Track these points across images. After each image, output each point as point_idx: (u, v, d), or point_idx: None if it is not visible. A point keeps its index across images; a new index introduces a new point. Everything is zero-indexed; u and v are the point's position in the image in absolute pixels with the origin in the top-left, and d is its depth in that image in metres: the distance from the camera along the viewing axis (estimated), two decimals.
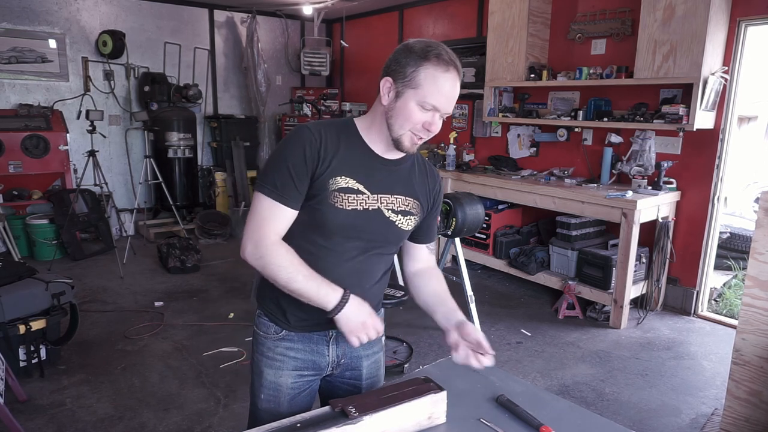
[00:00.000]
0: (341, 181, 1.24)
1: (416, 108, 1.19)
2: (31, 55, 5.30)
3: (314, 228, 1.27)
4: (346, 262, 1.30)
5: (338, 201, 1.24)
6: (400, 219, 1.33)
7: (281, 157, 1.23)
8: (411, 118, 1.20)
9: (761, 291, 1.97)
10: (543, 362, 3.26)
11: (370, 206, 1.28)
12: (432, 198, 1.41)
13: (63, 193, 5.12)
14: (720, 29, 3.49)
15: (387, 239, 1.34)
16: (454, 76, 1.20)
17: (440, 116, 1.22)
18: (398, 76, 1.21)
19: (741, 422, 2.08)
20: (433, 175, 1.44)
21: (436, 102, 1.18)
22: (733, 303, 4.07)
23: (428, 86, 1.17)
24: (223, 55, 6.55)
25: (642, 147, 3.93)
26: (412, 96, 1.19)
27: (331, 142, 1.25)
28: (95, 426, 2.55)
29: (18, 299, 2.85)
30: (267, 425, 1.12)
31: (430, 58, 1.18)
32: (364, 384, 1.45)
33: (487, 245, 4.72)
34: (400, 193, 1.32)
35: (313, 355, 1.38)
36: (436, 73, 1.17)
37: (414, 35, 5.99)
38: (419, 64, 1.18)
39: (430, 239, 1.48)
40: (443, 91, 1.18)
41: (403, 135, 1.23)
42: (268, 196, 1.23)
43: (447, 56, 1.19)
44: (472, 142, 5.48)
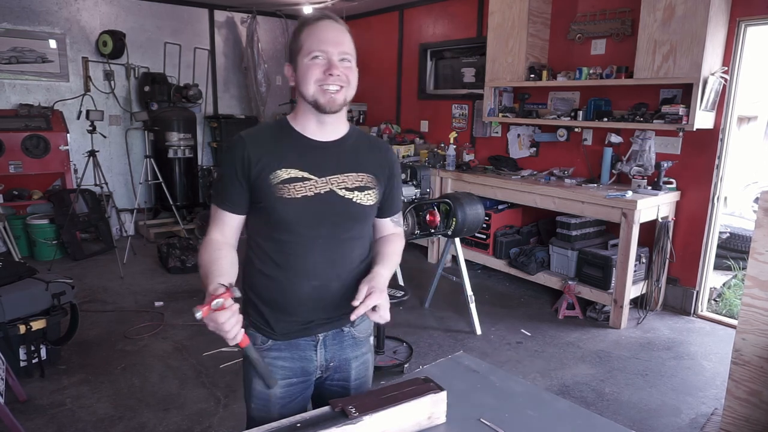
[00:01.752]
0: (282, 173, 1.27)
1: (309, 62, 1.24)
2: (31, 55, 5.31)
3: (275, 226, 1.29)
4: (316, 253, 1.31)
5: (285, 192, 1.26)
6: (357, 195, 1.33)
7: (222, 167, 1.33)
8: (309, 71, 1.24)
9: (761, 291, 1.97)
10: (543, 362, 3.26)
11: (322, 189, 1.29)
12: (386, 169, 1.42)
13: (63, 193, 5.12)
14: (720, 29, 3.49)
15: (350, 218, 1.34)
16: (328, 22, 1.27)
17: (339, 60, 1.25)
18: (291, 56, 1.30)
19: (741, 422, 2.08)
20: (381, 147, 1.45)
21: (319, 46, 1.24)
22: (733, 303, 4.07)
23: (308, 41, 1.25)
24: (223, 55, 6.56)
25: (642, 147, 3.93)
26: (302, 57, 1.26)
27: (263, 140, 1.30)
28: (95, 426, 2.55)
29: (18, 299, 2.86)
30: (267, 425, 1.13)
31: (302, 24, 1.28)
32: (352, 385, 1.45)
33: (487, 245, 4.73)
34: (350, 170, 1.33)
35: (302, 362, 1.38)
36: (311, 29, 1.26)
37: (414, 35, 6.01)
38: (298, 34, 1.28)
39: (393, 211, 1.49)
40: (321, 36, 1.24)
41: (314, 93, 1.25)
42: (215, 204, 1.34)
43: (317, 14, 1.29)
44: (472, 142, 5.48)
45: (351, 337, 1.43)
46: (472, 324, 3.65)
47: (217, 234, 1.32)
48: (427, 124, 6.06)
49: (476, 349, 3.42)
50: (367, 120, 6.80)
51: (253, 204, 1.31)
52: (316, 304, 1.34)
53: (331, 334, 1.39)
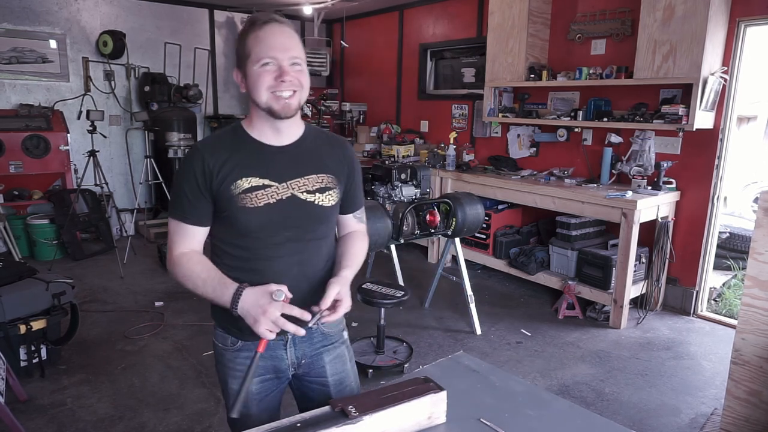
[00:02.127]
0: (243, 183, 1.27)
1: (259, 69, 1.22)
2: (31, 55, 5.31)
3: (239, 235, 1.30)
4: (283, 257, 1.31)
5: (247, 201, 1.26)
6: (318, 197, 1.34)
7: (178, 182, 1.31)
8: (260, 79, 1.23)
9: (761, 291, 1.97)
10: (543, 362, 3.27)
11: (283, 195, 1.29)
12: (345, 166, 1.41)
13: (63, 193, 5.12)
14: (719, 29, 3.49)
15: (313, 221, 1.35)
16: (274, 26, 1.23)
17: (289, 64, 1.23)
18: (239, 61, 1.27)
19: (741, 422, 2.08)
20: (339, 144, 1.44)
21: (267, 54, 1.22)
22: (733, 303, 4.07)
23: (256, 47, 1.22)
24: (223, 56, 6.56)
25: (642, 147, 3.93)
26: (251, 65, 1.23)
27: (222, 151, 1.28)
28: (95, 426, 2.56)
29: (19, 299, 2.86)
30: (266, 425, 1.13)
31: (247, 28, 1.25)
32: (330, 381, 1.45)
33: (487, 245, 4.73)
34: (309, 172, 1.34)
35: (273, 361, 1.39)
36: (256, 33, 1.23)
37: (414, 35, 6.01)
38: (244, 39, 1.25)
39: (354, 207, 1.49)
40: (268, 42, 1.22)
41: (268, 100, 1.24)
42: (174, 219, 1.32)
43: (260, 17, 1.24)
44: (472, 142, 5.48)
45: (320, 333, 1.43)
46: (472, 324, 3.65)
47: (184, 249, 1.31)
48: (427, 124, 6.07)
49: (476, 348, 3.42)
50: (366, 120, 6.80)
51: (216, 213, 1.31)
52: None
53: None
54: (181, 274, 1.28)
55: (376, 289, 3.01)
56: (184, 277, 1.27)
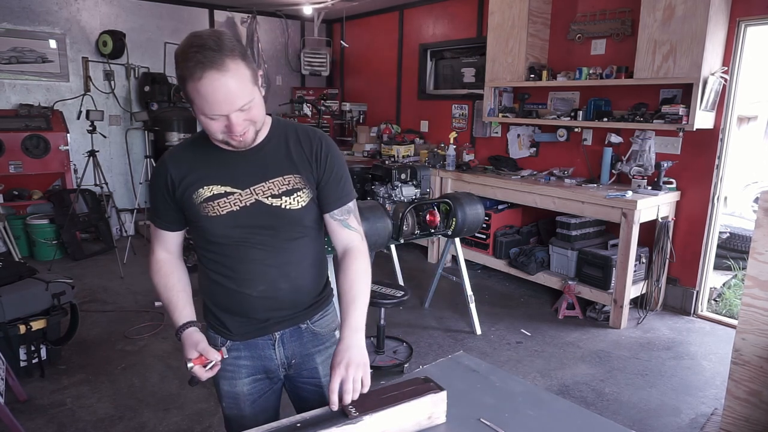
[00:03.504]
0: (205, 191, 1.27)
1: (207, 120, 1.16)
2: (31, 55, 5.31)
3: (208, 242, 1.31)
4: (257, 261, 1.30)
5: (210, 210, 1.26)
6: (285, 200, 1.28)
7: (151, 188, 1.36)
8: (210, 128, 1.18)
9: (761, 291, 1.97)
10: (543, 362, 3.26)
11: (247, 201, 1.27)
12: (315, 162, 1.32)
13: (63, 193, 5.12)
14: (720, 29, 3.49)
15: (283, 224, 1.30)
16: (212, 77, 1.08)
17: (238, 112, 1.14)
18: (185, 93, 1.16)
19: (741, 422, 2.08)
20: (309, 138, 1.33)
21: (213, 111, 1.13)
22: (733, 303, 4.07)
23: (198, 100, 1.12)
24: None
25: (642, 147, 3.93)
26: (197, 111, 1.16)
27: (185, 160, 1.30)
28: (95, 426, 2.55)
29: (18, 299, 2.86)
30: (266, 425, 1.13)
31: (184, 70, 1.10)
32: (323, 381, 1.42)
33: (487, 245, 4.73)
34: (274, 175, 1.28)
35: (262, 361, 1.39)
36: (195, 85, 1.10)
37: (414, 35, 6.01)
38: (183, 81, 1.12)
39: (331, 206, 1.35)
40: (210, 99, 1.11)
41: (223, 139, 1.20)
42: (152, 223, 1.39)
43: (197, 60, 1.08)
44: (472, 142, 5.48)
45: (310, 333, 1.41)
46: (472, 324, 3.65)
47: (161, 252, 1.39)
48: (427, 124, 6.06)
49: (476, 348, 3.42)
50: (367, 120, 6.80)
51: (187, 220, 1.34)
52: (268, 305, 1.33)
53: (289, 332, 1.38)
54: (154, 281, 1.38)
55: (376, 289, 3.01)
56: (155, 284, 1.38)
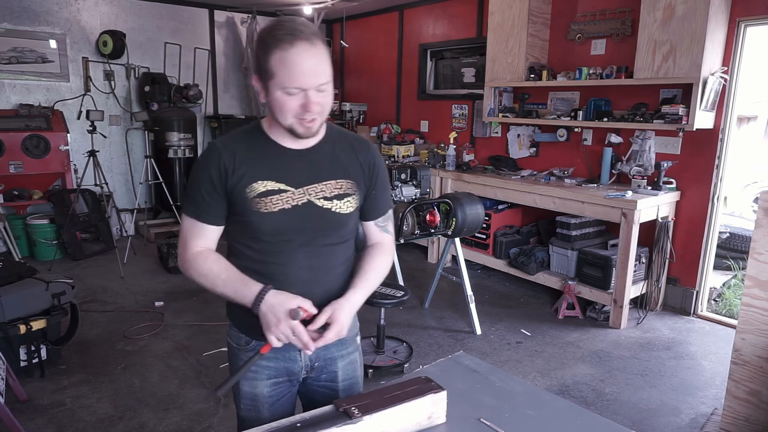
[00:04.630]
0: (258, 186, 1.24)
1: (284, 96, 1.15)
2: (31, 55, 5.31)
3: (253, 238, 1.28)
4: (297, 262, 1.29)
5: (262, 206, 1.23)
6: (336, 204, 1.29)
7: (194, 179, 1.27)
8: (285, 107, 1.16)
9: (761, 291, 1.97)
10: (543, 362, 3.27)
11: (299, 201, 1.26)
12: (367, 171, 1.35)
13: (63, 193, 5.12)
14: (719, 29, 3.49)
15: (328, 228, 1.31)
16: (302, 47, 1.11)
17: (316, 91, 1.15)
18: (260, 72, 1.17)
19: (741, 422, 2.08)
20: (362, 147, 1.36)
21: (295, 83, 1.13)
22: (733, 303, 4.07)
23: (281, 71, 1.12)
24: (223, 56, 6.56)
25: (642, 147, 3.93)
26: (274, 86, 1.15)
27: (239, 151, 1.25)
28: (95, 426, 2.55)
29: (18, 299, 2.86)
30: (267, 425, 1.13)
31: (271, 41, 1.12)
32: (340, 386, 1.42)
33: (487, 245, 4.73)
34: (328, 178, 1.29)
35: (286, 362, 1.36)
36: (281, 55, 1.11)
37: (414, 35, 6.01)
38: (267, 53, 1.13)
39: (376, 214, 1.41)
40: (296, 68, 1.12)
41: (291, 124, 1.19)
42: (189, 216, 1.29)
43: (286, 31, 1.12)
44: (472, 142, 5.48)
45: None
46: (472, 324, 3.65)
47: (199, 248, 1.29)
48: (427, 124, 6.07)
49: (476, 348, 3.42)
50: (367, 120, 6.80)
51: (231, 214, 1.28)
52: None
53: None
54: (197, 273, 1.26)
55: (376, 289, 3.00)
56: (201, 276, 1.26)
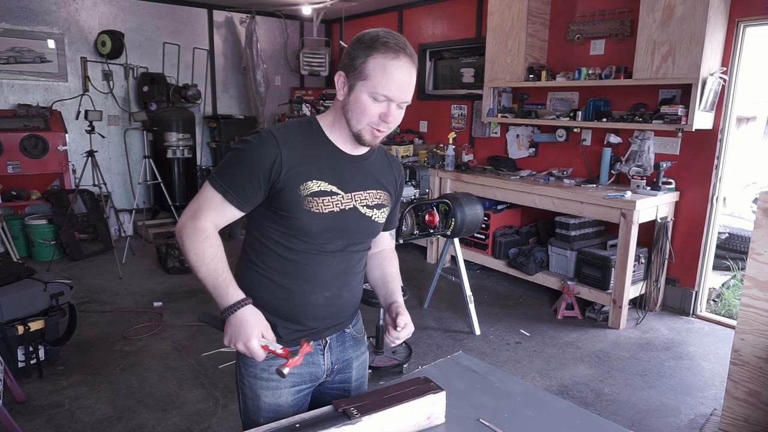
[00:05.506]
0: (313, 185, 1.22)
1: (369, 100, 1.16)
2: (29, 55, 5.30)
3: (294, 236, 1.25)
4: (332, 265, 1.30)
5: (313, 205, 1.22)
6: (375, 213, 1.33)
7: (242, 158, 1.20)
8: (366, 111, 1.17)
9: (760, 291, 1.97)
10: (542, 362, 3.26)
11: (346, 206, 1.27)
12: (398, 186, 1.43)
13: (62, 193, 5.11)
14: (719, 30, 3.49)
15: (366, 235, 1.35)
16: (405, 63, 1.15)
17: (397, 106, 1.18)
18: (350, 70, 1.17)
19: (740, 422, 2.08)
20: (397, 164, 1.44)
21: (387, 91, 1.15)
22: (732, 303, 4.07)
23: (377, 76, 1.14)
24: (222, 56, 6.55)
25: (641, 147, 3.93)
26: (363, 88, 1.16)
27: (297, 146, 1.22)
28: (94, 427, 2.55)
29: (16, 300, 2.85)
30: (266, 425, 1.12)
31: (377, 47, 1.14)
32: (353, 386, 1.44)
33: (486, 245, 4.72)
34: (371, 187, 1.32)
35: (310, 367, 1.34)
36: (384, 61, 1.13)
37: (413, 36, 6.00)
38: (368, 55, 1.14)
39: (392, 226, 1.49)
40: (393, 78, 1.14)
41: (362, 129, 1.20)
42: (217, 191, 1.20)
43: (395, 43, 1.14)
44: (471, 142, 5.48)
45: (351, 337, 1.43)
46: (471, 324, 3.65)
47: (208, 222, 1.21)
48: (426, 124, 6.06)
49: (475, 349, 3.41)
50: None
51: (274, 210, 1.23)
52: (327, 313, 1.33)
53: (335, 337, 1.39)
54: (191, 245, 1.19)
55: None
56: (192, 250, 1.18)
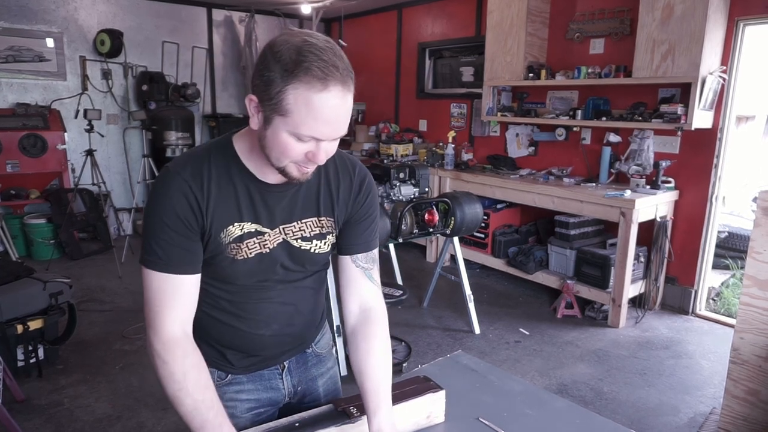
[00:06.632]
0: (234, 229, 1.04)
1: (291, 139, 0.92)
2: (28, 54, 5.29)
3: (223, 281, 1.10)
4: (272, 300, 1.14)
5: (237, 252, 1.05)
6: (316, 244, 1.13)
7: (156, 218, 1.00)
8: (287, 151, 0.94)
9: (759, 290, 1.97)
10: (541, 361, 3.26)
11: (275, 242, 1.09)
12: (352, 200, 1.16)
13: (61, 192, 5.11)
14: (718, 29, 3.49)
15: (306, 268, 1.16)
16: (335, 93, 0.88)
17: (330, 143, 0.96)
18: (263, 97, 0.91)
19: (739, 421, 2.08)
20: (348, 172, 1.16)
21: (313, 132, 0.91)
22: (731, 302, 4.07)
23: (300, 114, 0.88)
24: (221, 54, 6.54)
25: (640, 146, 3.93)
26: (282, 125, 0.91)
27: (211, 185, 1.01)
28: (93, 426, 2.55)
29: (16, 299, 2.85)
30: (264, 425, 1.12)
31: (298, 74, 0.86)
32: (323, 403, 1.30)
33: (485, 244, 4.72)
34: (306, 216, 1.11)
35: (268, 392, 1.24)
36: (308, 95, 0.87)
37: (413, 35, 6.00)
38: (286, 83, 0.87)
39: (359, 249, 1.19)
40: (321, 116, 0.89)
41: (286, 166, 0.97)
42: (158, 270, 1.00)
43: (322, 66, 0.87)
44: (470, 141, 5.48)
45: (314, 355, 1.32)
46: (470, 323, 3.65)
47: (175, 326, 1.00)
48: (425, 123, 6.06)
49: (475, 348, 3.41)
50: (365, 119, 6.79)
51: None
52: (279, 342, 1.21)
53: (295, 359, 1.28)
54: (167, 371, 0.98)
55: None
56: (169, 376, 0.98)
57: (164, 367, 0.98)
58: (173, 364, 0.98)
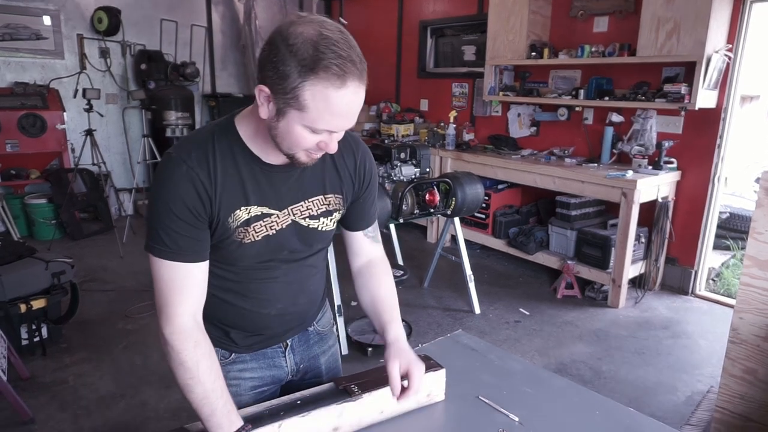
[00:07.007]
0: (242, 213, 1.04)
1: (305, 131, 0.94)
2: (25, 32, 5.22)
3: (225, 262, 1.11)
4: (277, 279, 1.16)
5: (245, 236, 1.06)
6: (321, 222, 1.15)
7: (163, 207, 0.98)
8: (301, 142, 0.96)
9: (760, 270, 1.97)
10: (541, 341, 3.29)
11: (283, 224, 1.10)
12: (357, 178, 1.19)
13: (61, 172, 5.10)
14: (725, 6, 3.43)
15: (312, 246, 1.18)
16: (354, 88, 0.90)
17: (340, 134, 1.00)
18: (277, 89, 0.90)
19: (736, 399, 2.10)
20: (352, 150, 1.18)
21: (330, 126, 0.94)
22: (731, 283, 4.09)
23: (318, 110, 0.90)
24: (220, 33, 6.46)
25: (643, 126, 3.90)
26: (296, 118, 0.92)
27: (216, 169, 1.01)
28: (97, 403, 2.58)
29: (18, 278, 2.86)
30: (267, 402, 1.13)
31: (318, 71, 0.87)
32: (324, 380, 1.35)
33: (486, 225, 4.73)
34: (314, 194, 1.13)
35: (271, 370, 1.27)
36: (327, 91, 0.88)
37: (414, 13, 5.91)
38: (304, 79, 0.88)
39: (364, 224, 1.26)
40: (338, 111, 0.91)
41: (296, 154, 1.00)
42: (166, 258, 1.00)
43: (341, 63, 0.87)
44: (472, 121, 5.44)
45: (316, 333, 1.35)
46: (470, 303, 3.67)
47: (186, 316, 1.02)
48: (427, 102, 6.01)
49: (475, 327, 3.44)
50: (366, 99, 6.72)
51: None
52: (282, 321, 1.23)
53: (298, 337, 1.30)
54: (178, 360, 1.01)
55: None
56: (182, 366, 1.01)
57: (176, 356, 1.02)
58: (185, 354, 1.01)
